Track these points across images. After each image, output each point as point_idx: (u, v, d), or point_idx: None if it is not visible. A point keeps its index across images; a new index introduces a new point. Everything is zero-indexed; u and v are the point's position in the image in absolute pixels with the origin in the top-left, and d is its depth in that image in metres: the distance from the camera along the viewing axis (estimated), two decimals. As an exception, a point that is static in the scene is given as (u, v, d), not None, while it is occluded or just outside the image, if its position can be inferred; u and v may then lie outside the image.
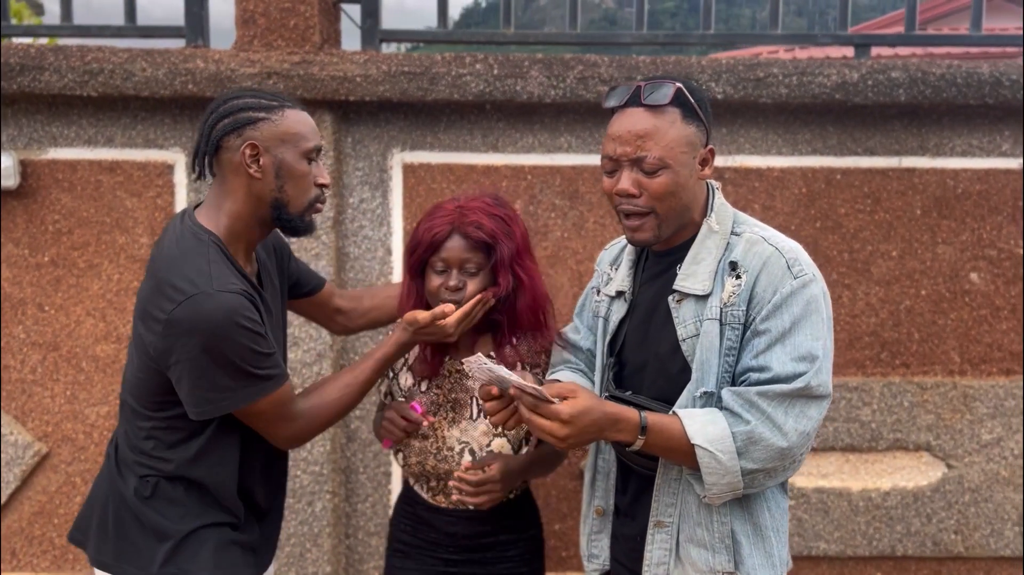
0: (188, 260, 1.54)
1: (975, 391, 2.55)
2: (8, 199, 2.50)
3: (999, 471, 2.57)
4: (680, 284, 1.59)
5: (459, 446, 1.84)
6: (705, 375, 1.55)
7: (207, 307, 1.48)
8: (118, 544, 1.66)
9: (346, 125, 2.51)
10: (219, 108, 1.60)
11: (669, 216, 1.57)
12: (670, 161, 1.53)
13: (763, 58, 2.47)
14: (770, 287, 1.53)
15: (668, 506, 1.61)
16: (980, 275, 2.54)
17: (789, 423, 1.49)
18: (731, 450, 1.49)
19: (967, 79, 2.40)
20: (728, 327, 1.54)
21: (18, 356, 2.54)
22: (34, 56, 2.40)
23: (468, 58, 2.45)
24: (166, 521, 1.63)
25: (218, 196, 1.62)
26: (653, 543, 1.62)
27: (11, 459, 2.54)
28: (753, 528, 1.60)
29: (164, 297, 1.51)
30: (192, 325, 1.49)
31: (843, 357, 2.56)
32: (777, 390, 1.48)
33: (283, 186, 1.60)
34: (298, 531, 2.52)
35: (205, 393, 1.54)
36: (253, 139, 1.56)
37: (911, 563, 2.61)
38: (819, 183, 2.52)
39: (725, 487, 1.52)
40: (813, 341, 1.51)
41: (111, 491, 1.69)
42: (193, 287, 1.49)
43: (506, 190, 2.52)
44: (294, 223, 1.64)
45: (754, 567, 1.59)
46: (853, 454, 2.58)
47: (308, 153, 1.62)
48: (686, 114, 1.55)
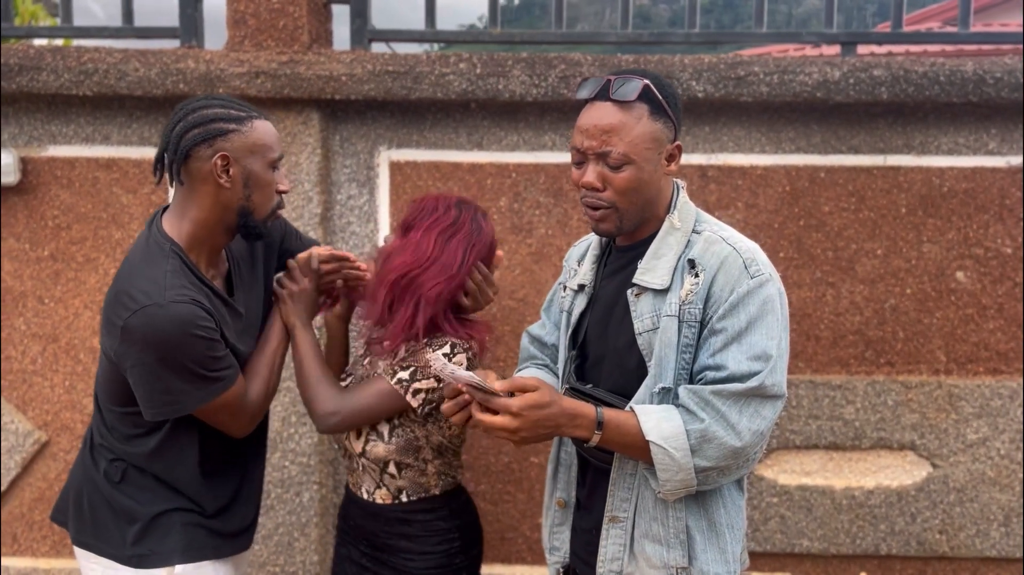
0: (145, 270, 1.59)
1: (961, 390, 2.54)
2: (9, 195, 2.58)
3: (985, 471, 2.55)
4: (639, 278, 1.61)
5: None
6: (663, 371, 1.57)
7: (159, 318, 1.54)
8: (94, 525, 1.74)
9: (334, 123, 2.56)
10: (188, 116, 1.62)
11: (631, 210, 1.59)
12: (634, 157, 1.54)
13: (745, 56, 2.48)
14: (727, 286, 1.54)
15: (623, 501, 1.63)
16: (966, 274, 2.53)
17: (743, 423, 1.50)
18: (685, 447, 1.50)
19: (950, 77, 2.40)
20: (685, 324, 1.56)
21: (19, 347, 2.63)
22: (32, 57, 2.48)
23: (452, 57, 2.49)
24: (135, 504, 1.71)
25: (183, 203, 1.66)
26: (608, 538, 1.64)
27: (12, 447, 2.63)
28: (708, 524, 1.62)
29: (120, 305, 1.57)
30: (144, 335, 1.55)
31: (827, 355, 2.56)
32: (731, 389, 1.50)
33: (251, 195, 1.66)
34: (286, 521, 2.58)
35: (160, 396, 1.61)
36: (224, 150, 1.61)
37: (895, 562, 2.61)
38: (803, 181, 2.53)
39: (679, 483, 1.54)
40: (768, 340, 1.53)
41: (85, 476, 1.77)
42: (146, 298, 1.55)
43: (491, 188, 2.56)
44: (258, 229, 1.71)
45: (707, 562, 1.60)
46: (837, 452, 2.58)
47: (273, 163, 1.69)
48: (654, 110, 1.56)
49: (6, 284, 2.61)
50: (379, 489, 1.87)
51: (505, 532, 2.64)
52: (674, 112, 1.60)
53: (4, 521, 2.67)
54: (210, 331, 1.59)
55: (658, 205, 1.63)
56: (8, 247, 2.60)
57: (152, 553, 1.70)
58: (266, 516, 2.57)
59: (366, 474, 1.88)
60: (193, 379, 1.60)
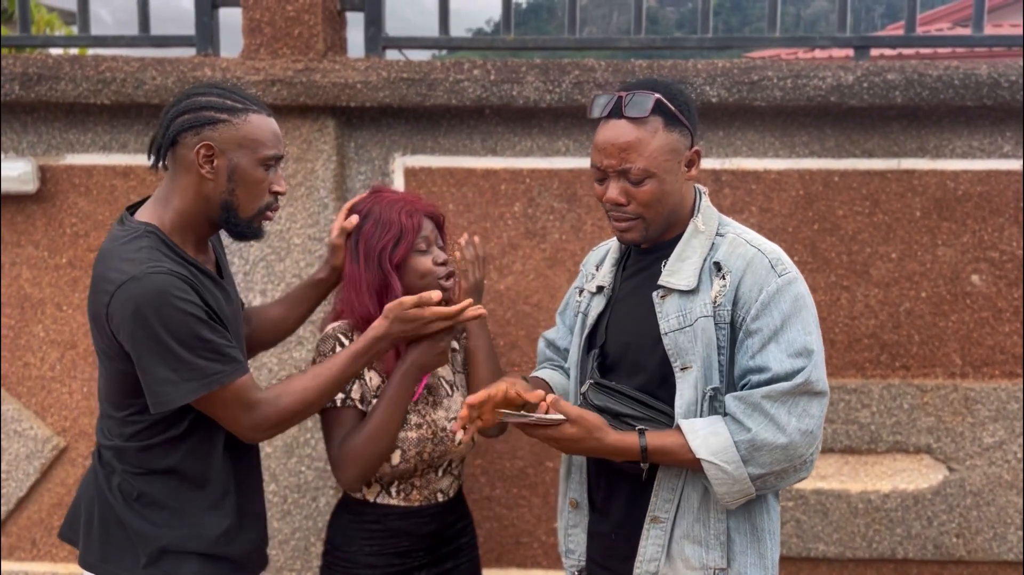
0: (119, 252, 1.54)
1: (976, 394, 2.53)
2: (28, 203, 2.61)
3: (1001, 475, 2.55)
4: (665, 280, 1.63)
5: (449, 423, 1.92)
6: (710, 372, 1.59)
7: (136, 292, 1.48)
8: (103, 545, 1.67)
9: (349, 130, 2.58)
10: (182, 102, 1.60)
11: (657, 219, 1.63)
12: (655, 170, 1.57)
13: (758, 61, 2.48)
14: (755, 286, 1.57)
15: (666, 502, 1.64)
16: (981, 277, 2.53)
17: (792, 423, 1.52)
18: (736, 459, 1.53)
19: (964, 80, 2.39)
20: (717, 327, 1.59)
21: (38, 354, 2.65)
22: (51, 66, 2.51)
23: (466, 64, 2.51)
24: (150, 526, 1.64)
25: (168, 190, 1.62)
26: (648, 538, 1.64)
27: (31, 453, 2.65)
28: (750, 528, 1.64)
29: (102, 292, 1.52)
30: (127, 313, 1.48)
31: (842, 359, 2.56)
32: (779, 389, 1.52)
33: (234, 190, 1.60)
34: (303, 526, 2.59)
35: (161, 380, 1.52)
36: (209, 140, 1.56)
37: (912, 566, 2.60)
38: (817, 185, 2.53)
39: (737, 494, 1.56)
40: (806, 335, 1.55)
41: (96, 492, 1.69)
42: (123, 275, 1.49)
43: (505, 193, 2.57)
44: (241, 228, 1.65)
45: (746, 565, 1.62)
46: (852, 456, 2.58)
47: (266, 160, 1.62)
48: (668, 121, 1.58)
49: (25, 291, 2.64)
50: (454, 483, 2.00)
51: (520, 537, 2.65)
52: (688, 119, 1.62)
53: (24, 526, 2.69)
54: (192, 305, 1.52)
55: (681, 211, 1.67)
56: (27, 254, 2.63)
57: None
58: (283, 521, 2.58)
59: (445, 475, 1.96)
60: (185, 362, 1.51)
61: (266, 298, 2.53)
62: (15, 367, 2.65)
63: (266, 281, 2.54)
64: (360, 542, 1.93)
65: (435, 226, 1.94)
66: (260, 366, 2.54)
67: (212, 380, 1.55)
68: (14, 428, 2.64)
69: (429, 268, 1.88)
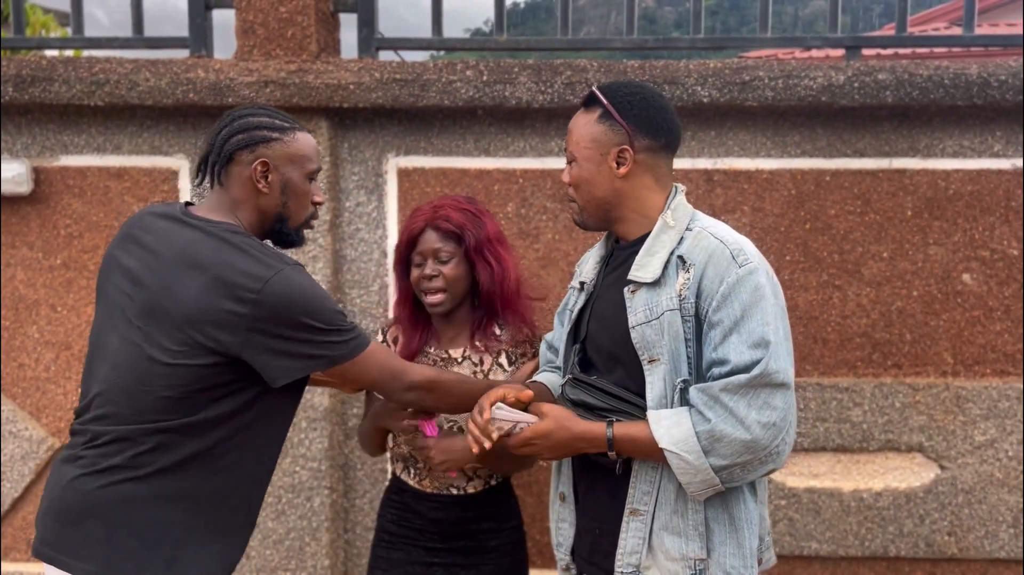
0: (243, 249, 1.63)
1: (968, 392, 2.54)
2: (22, 205, 2.61)
3: (993, 473, 2.56)
4: (634, 274, 1.67)
5: (447, 425, 1.98)
6: (678, 364, 1.61)
7: (296, 277, 1.63)
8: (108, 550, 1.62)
9: (342, 131, 2.58)
10: (234, 122, 1.71)
11: (586, 205, 1.74)
12: (576, 155, 1.71)
13: (749, 61, 2.50)
14: (716, 278, 1.59)
15: (644, 494, 1.66)
16: (972, 276, 2.54)
17: (751, 416, 1.53)
18: (696, 450, 1.54)
19: (955, 80, 2.41)
20: (684, 320, 1.61)
21: (32, 355, 2.66)
22: (45, 68, 2.52)
23: (459, 64, 2.52)
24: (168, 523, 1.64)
25: (226, 204, 1.72)
26: (628, 531, 1.66)
27: (26, 453, 2.66)
28: (728, 518, 1.65)
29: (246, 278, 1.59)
30: (287, 295, 1.60)
31: (834, 358, 2.57)
32: (737, 382, 1.53)
33: (287, 202, 1.74)
34: (297, 526, 2.60)
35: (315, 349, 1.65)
36: (265, 156, 1.69)
37: (904, 564, 2.61)
38: (808, 185, 2.54)
39: (701, 484, 1.58)
40: (763, 327, 1.56)
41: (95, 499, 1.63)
42: (271, 266, 1.61)
43: (498, 193, 2.58)
44: (290, 236, 1.79)
45: (725, 555, 1.64)
46: (844, 454, 2.59)
47: (311, 174, 1.77)
48: (602, 115, 1.69)
49: (19, 292, 2.64)
50: (472, 480, 2.04)
51: (514, 536, 2.66)
52: (626, 117, 1.67)
53: (19, 527, 2.70)
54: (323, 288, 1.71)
55: (625, 208, 1.72)
56: (21, 256, 2.63)
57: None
58: (277, 521, 2.59)
59: (459, 474, 2.02)
60: (336, 329, 1.67)
61: (260, 299, 2.54)
62: (10, 368, 2.66)
63: (260, 282, 2.55)
64: (388, 508, 2.12)
65: (447, 238, 1.96)
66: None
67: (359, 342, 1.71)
68: (9, 429, 2.65)
69: (416, 279, 2.00)
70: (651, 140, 1.68)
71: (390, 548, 2.08)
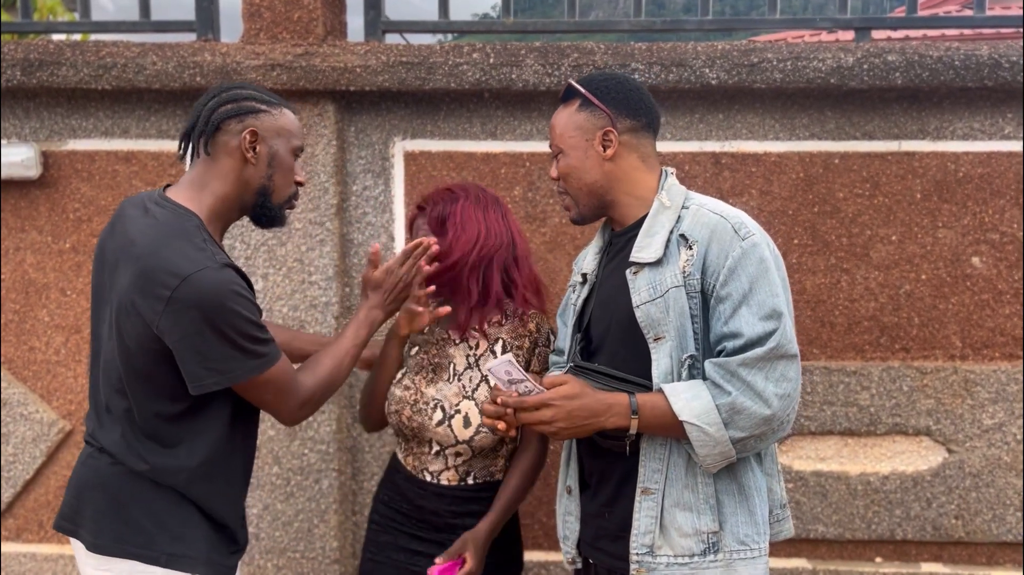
0: (178, 242, 1.60)
1: (976, 376, 2.54)
2: (31, 189, 2.62)
3: (1001, 456, 2.55)
4: (635, 255, 1.69)
5: (433, 402, 1.96)
6: (684, 340, 1.63)
7: (210, 281, 1.56)
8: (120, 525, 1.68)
9: (349, 115, 2.58)
10: (222, 94, 1.71)
11: (579, 196, 1.76)
12: (562, 146, 1.74)
13: (758, 43, 2.48)
14: (721, 253, 1.61)
15: (655, 472, 1.67)
16: (982, 259, 2.53)
17: (769, 389, 1.56)
18: (717, 422, 1.57)
19: (965, 62, 2.38)
20: (689, 296, 1.63)
21: (43, 338, 2.68)
22: (52, 52, 2.52)
23: (466, 47, 2.51)
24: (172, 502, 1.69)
25: (205, 176, 1.70)
26: (640, 511, 1.67)
27: (37, 436, 2.68)
28: (737, 488, 1.67)
29: (166, 275, 1.56)
30: (198, 299, 1.55)
31: (842, 341, 2.56)
32: (754, 355, 1.56)
33: (272, 175, 1.73)
34: (306, 507, 2.62)
35: (211, 364, 1.60)
36: (255, 127, 1.69)
37: (911, 547, 2.62)
38: (817, 167, 2.53)
39: (718, 456, 1.60)
40: (774, 298, 1.59)
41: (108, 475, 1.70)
42: (194, 265, 1.57)
43: (505, 177, 2.57)
44: (272, 213, 1.77)
45: (737, 525, 1.66)
46: (852, 438, 2.59)
47: (296, 150, 1.77)
48: (582, 104, 1.73)
49: (29, 276, 2.66)
50: (446, 471, 1.99)
51: (521, 519, 2.66)
52: (605, 101, 1.72)
53: (31, 508, 2.72)
54: (251, 297, 1.64)
55: (618, 191, 1.74)
56: (31, 240, 2.65)
57: (185, 556, 1.68)
58: (286, 503, 2.61)
59: (437, 458, 1.98)
60: (241, 347, 1.61)
61: (267, 282, 2.54)
62: (20, 351, 2.68)
63: (268, 266, 2.55)
64: (381, 489, 2.12)
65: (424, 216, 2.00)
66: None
67: (263, 364, 1.66)
68: (20, 411, 2.67)
69: None
70: (632, 120, 1.73)
71: (379, 530, 2.08)
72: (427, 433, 1.96)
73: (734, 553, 1.64)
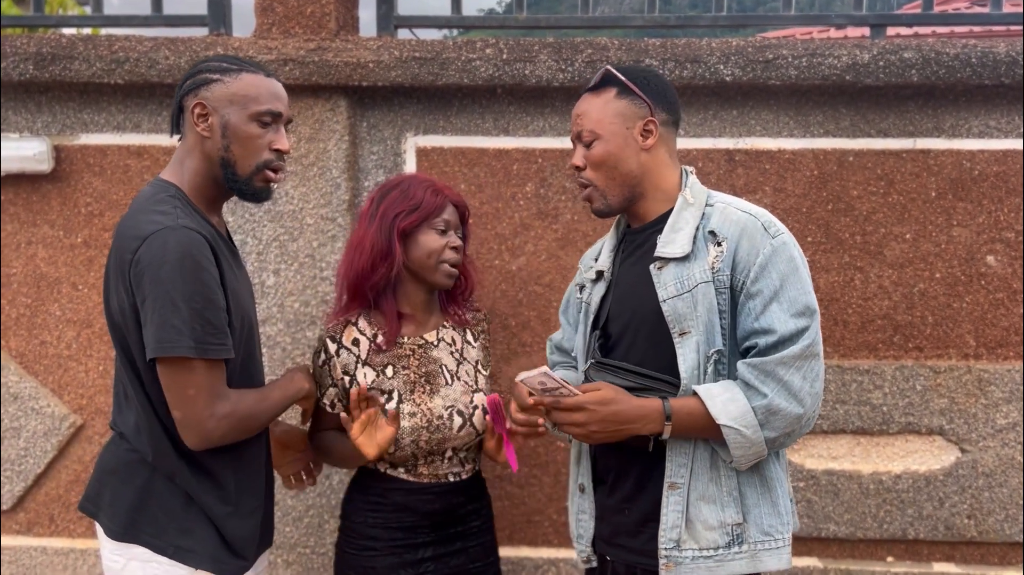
0: (153, 207, 1.61)
1: (990, 375, 2.52)
2: (43, 183, 2.62)
3: (1014, 456, 2.54)
4: (661, 250, 1.69)
5: (446, 411, 1.94)
6: (712, 336, 1.64)
7: (171, 240, 1.54)
8: (134, 513, 1.70)
9: (361, 110, 2.57)
10: (188, 72, 1.72)
11: (611, 186, 1.73)
12: (600, 132, 1.70)
13: (773, 39, 2.46)
14: (752, 250, 1.63)
15: (680, 467, 1.67)
16: (997, 258, 2.51)
17: (805, 388, 1.59)
18: (754, 424, 1.58)
19: (982, 59, 2.37)
20: (718, 292, 1.64)
21: (54, 332, 2.68)
22: (65, 46, 2.52)
23: (479, 43, 2.50)
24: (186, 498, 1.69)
25: (180, 153, 1.72)
26: (668, 506, 1.67)
27: (48, 430, 2.68)
28: (760, 479, 1.69)
29: (131, 239, 1.57)
30: (156, 258, 1.53)
31: (855, 340, 2.55)
32: (791, 354, 1.57)
33: (229, 146, 1.67)
34: (316, 503, 2.62)
35: (167, 328, 1.54)
36: (202, 99, 1.67)
37: (923, 547, 2.61)
38: (831, 165, 2.51)
39: (752, 456, 1.62)
40: (806, 295, 1.62)
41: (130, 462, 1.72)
42: (157, 226, 1.56)
43: (517, 173, 2.56)
44: (240, 186, 1.70)
45: (760, 516, 1.67)
46: (864, 437, 2.58)
47: (259, 116, 1.67)
48: (621, 91, 1.71)
49: (41, 270, 2.66)
50: (466, 465, 2.02)
51: (532, 515, 2.66)
52: (645, 91, 1.71)
53: (42, 502, 2.73)
54: (212, 269, 1.59)
55: (648, 183, 1.73)
56: (43, 234, 2.65)
57: (192, 551, 1.68)
58: (296, 499, 2.60)
59: (453, 461, 1.99)
60: (193, 316, 1.54)
61: (279, 278, 2.54)
62: (32, 345, 2.68)
63: (279, 261, 2.55)
64: (367, 513, 1.99)
65: (459, 216, 2.01)
66: (274, 345, 2.56)
67: (207, 347, 1.58)
68: (31, 406, 2.67)
69: (440, 247, 1.94)
70: (667, 115, 1.73)
71: (375, 554, 1.98)
72: (448, 443, 1.95)
73: (758, 544, 1.65)
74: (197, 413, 1.60)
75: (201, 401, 1.60)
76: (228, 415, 1.63)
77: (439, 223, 1.94)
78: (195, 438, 1.63)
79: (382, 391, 1.94)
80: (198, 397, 1.59)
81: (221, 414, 1.62)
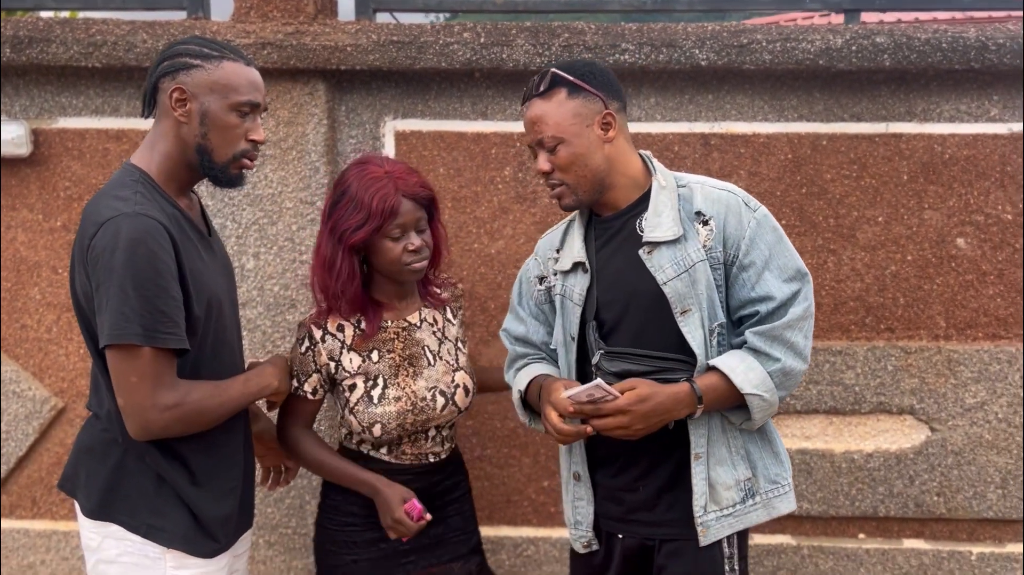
0: (115, 193, 1.61)
1: (960, 356, 2.57)
2: (22, 167, 2.62)
3: (982, 435, 2.59)
4: (650, 235, 1.74)
5: (429, 393, 1.97)
6: (714, 310, 1.73)
7: (125, 226, 1.54)
8: (109, 492, 1.72)
9: (339, 94, 2.58)
10: (166, 51, 1.69)
11: (582, 183, 1.76)
12: (562, 135, 1.72)
13: (748, 25, 2.49)
14: (739, 226, 1.72)
15: (701, 437, 1.76)
16: (967, 240, 2.55)
17: (807, 346, 1.72)
18: (772, 388, 1.70)
19: (953, 44, 2.40)
20: (713, 269, 1.73)
21: (35, 316, 2.68)
22: (42, 28, 2.51)
23: (456, 27, 2.51)
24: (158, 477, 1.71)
25: (152, 135, 1.71)
26: (696, 476, 1.75)
27: (30, 413, 2.69)
28: (760, 433, 1.81)
29: (90, 224, 1.58)
30: (109, 243, 1.53)
31: (828, 321, 2.59)
32: (796, 316, 1.69)
33: (207, 134, 1.66)
34: (297, 484, 2.64)
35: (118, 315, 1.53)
36: (182, 84, 1.64)
37: (893, 524, 2.66)
38: (805, 149, 2.55)
39: (768, 416, 1.76)
40: (794, 259, 1.74)
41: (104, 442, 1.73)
42: (114, 211, 1.56)
43: (495, 157, 2.58)
44: (216, 173, 1.70)
45: (766, 467, 1.80)
46: (836, 417, 2.63)
47: (238, 106, 1.67)
48: (571, 91, 1.73)
49: (21, 254, 2.66)
50: (446, 444, 2.06)
51: (511, 495, 2.70)
52: (595, 85, 1.74)
53: (23, 485, 2.74)
54: (168, 258, 1.57)
55: (615, 173, 1.77)
56: (22, 218, 2.65)
57: (163, 530, 1.70)
58: (278, 480, 2.63)
59: (435, 440, 2.03)
60: (143, 304, 1.53)
61: (259, 261, 2.56)
62: (12, 329, 2.69)
63: (259, 244, 2.56)
64: (349, 493, 2.00)
65: (421, 207, 1.91)
66: (254, 328, 2.57)
67: (155, 335, 1.56)
68: (13, 389, 2.68)
69: (397, 254, 1.89)
70: (618, 102, 1.78)
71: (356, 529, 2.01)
72: (432, 423, 1.98)
73: (768, 493, 1.78)
74: (139, 402, 1.59)
75: (144, 390, 1.58)
76: (173, 406, 1.61)
77: (393, 231, 1.86)
78: (136, 427, 1.62)
79: (367, 376, 1.95)
80: (141, 385, 1.57)
81: (164, 404, 1.60)
